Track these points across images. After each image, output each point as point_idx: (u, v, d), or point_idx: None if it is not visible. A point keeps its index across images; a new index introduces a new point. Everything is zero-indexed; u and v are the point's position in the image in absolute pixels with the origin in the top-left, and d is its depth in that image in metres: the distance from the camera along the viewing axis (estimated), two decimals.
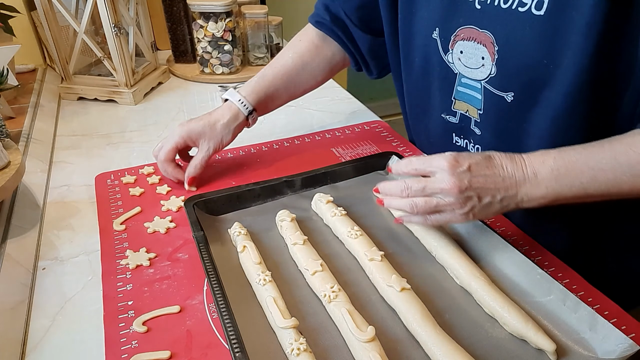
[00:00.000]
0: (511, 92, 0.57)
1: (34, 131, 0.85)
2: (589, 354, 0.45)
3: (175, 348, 0.47)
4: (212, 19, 1.06)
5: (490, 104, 0.60)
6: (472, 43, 0.59)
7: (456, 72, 0.63)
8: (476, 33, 0.58)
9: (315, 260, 0.54)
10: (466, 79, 0.62)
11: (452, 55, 0.62)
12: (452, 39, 0.61)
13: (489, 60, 0.57)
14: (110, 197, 0.70)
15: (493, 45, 0.56)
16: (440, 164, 0.50)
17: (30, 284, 0.56)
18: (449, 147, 0.70)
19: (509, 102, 0.58)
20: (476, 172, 0.49)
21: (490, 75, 0.58)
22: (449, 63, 0.63)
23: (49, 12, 0.94)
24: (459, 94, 0.64)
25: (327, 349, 0.47)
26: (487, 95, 0.60)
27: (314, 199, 0.66)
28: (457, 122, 0.67)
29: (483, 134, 0.64)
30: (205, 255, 0.54)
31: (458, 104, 0.65)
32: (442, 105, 0.68)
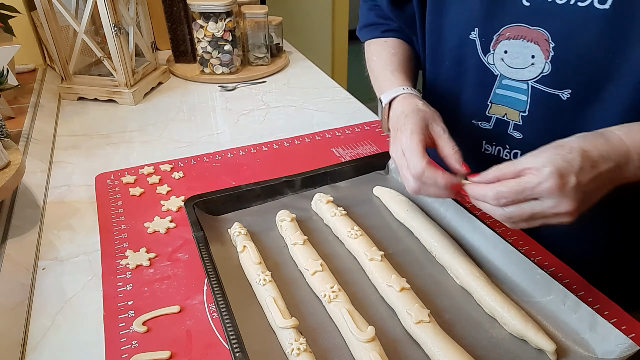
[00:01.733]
0: (568, 90, 0.55)
1: (34, 131, 0.85)
2: (588, 354, 0.45)
3: (175, 348, 0.47)
4: (212, 19, 1.06)
5: (538, 104, 0.58)
6: (520, 42, 0.57)
7: (497, 73, 0.61)
8: (526, 31, 0.56)
9: (315, 260, 0.54)
10: (509, 80, 0.60)
11: (494, 55, 0.60)
12: (495, 39, 0.59)
13: (541, 58, 0.55)
14: (110, 197, 0.70)
15: (548, 42, 0.54)
16: (545, 189, 0.42)
17: (30, 284, 0.56)
18: (477, 156, 0.68)
19: (564, 99, 0.56)
20: (585, 178, 0.43)
21: (542, 74, 0.56)
22: (488, 64, 0.61)
23: (49, 12, 0.94)
24: (497, 97, 0.62)
25: (327, 349, 0.47)
26: (536, 95, 0.58)
27: (314, 199, 0.66)
28: (491, 128, 0.65)
29: (526, 136, 0.62)
30: (205, 255, 0.54)
31: (495, 108, 0.63)
32: (474, 111, 0.65)
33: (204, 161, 0.79)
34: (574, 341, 0.46)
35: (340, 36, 2.30)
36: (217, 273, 0.52)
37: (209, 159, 0.80)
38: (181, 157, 0.80)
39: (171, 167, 0.77)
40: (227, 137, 0.89)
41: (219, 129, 0.93)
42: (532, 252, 0.58)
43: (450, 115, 0.68)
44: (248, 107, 1.01)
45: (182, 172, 0.76)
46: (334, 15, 2.23)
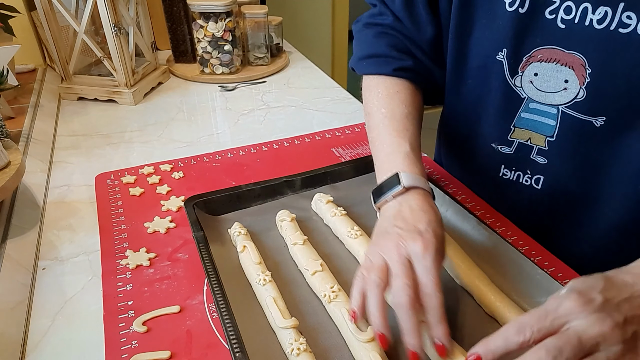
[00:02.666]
0: (602, 117, 0.53)
1: (34, 131, 0.85)
2: None
3: (175, 348, 0.47)
4: (212, 19, 1.06)
5: (568, 130, 0.56)
6: (552, 65, 0.54)
7: (524, 96, 0.58)
8: (560, 54, 0.53)
9: (315, 260, 0.54)
10: (536, 104, 0.57)
11: (522, 78, 0.57)
12: (525, 60, 0.56)
13: (575, 83, 0.53)
14: (110, 197, 0.70)
15: (584, 67, 0.52)
16: (569, 308, 0.36)
17: (30, 284, 0.56)
18: (493, 180, 0.65)
19: (597, 126, 0.53)
20: (614, 299, 0.36)
21: (575, 100, 0.54)
22: (515, 87, 0.58)
23: (49, 12, 0.94)
24: (522, 121, 0.59)
25: (327, 349, 0.47)
26: (566, 121, 0.56)
27: (314, 199, 0.66)
28: (512, 153, 0.62)
29: (551, 162, 0.59)
30: (205, 255, 0.54)
31: (518, 132, 0.60)
32: (495, 135, 0.63)
33: (204, 161, 0.79)
34: None
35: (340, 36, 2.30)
36: (217, 273, 0.52)
37: (209, 159, 0.80)
38: (181, 157, 0.80)
39: (171, 167, 0.77)
40: (227, 137, 0.89)
41: (219, 129, 0.93)
42: (532, 252, 0.58)
43: (467, 138, 0.66)
44: (248, 107, 1.01)
45: (182, 172, 0.76)
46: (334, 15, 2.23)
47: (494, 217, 0.65)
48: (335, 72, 2.36)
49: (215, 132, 0.91)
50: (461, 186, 0.71)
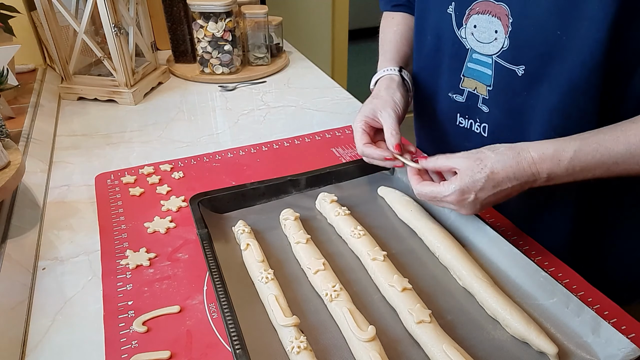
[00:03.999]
0: (522, 66, 0.57)
1: (34, 131, 0.84)
2: (591, 357, 0.45)
3: (175, 348, 0.47)
4: (212, 19, 1.06)
5: (500, 79, 0.60)
6: (486, 16, 0.59)
7: (468, 47, 0.63)
8: (492, 6, 0.58)
9: (318, 259, 0.54)
10: (477, 55, 0.62)
11: (466, 30, 0.62)
12: (467, 13, 0.61)
13: (502, 33, 0.57)
14: (110, 197, 0.70)
15: (508, 17, 0.56)
16: (448, 201, 0.54)
17: (30, 284, 0.56)
18: (452, 129, 0.71)
19: (520, 75, 0.58)
20: (483, 195, 0.52)
21: (502, 49, 0.58)
22: (461, 38, 0.63)
23: (49, 12, 0.94)
24: (469, 70, 0.64)
25: (327, 348, 0.47)
26: (498, 70, 0.60)
27: (318, 198, 0.66)
28: (464, 101, 0.67)
29: (492, 111, 0.64)
30: (208, 252, 0.54)
31: (467, 81, 0.65)
32: (450, 84, 0.68)
33: (204, 161, 0.79)
34: (577, 344, 0.46)
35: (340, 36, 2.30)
36: (220, 270, 0.52)
37: (209, 159, 0.80)
38: (181, 157, 0.80)
39: (171, 167, 0.77)
40: (227, 137, 0.89)
41: (219, 129, 0.93)
42: (532, 252, 0.58)
43: (432, 87, 0.72)
44: (248, 107, 1.01)
45: (182, 172, 0.76)
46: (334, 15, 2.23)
47: (488, 212, 0.65)
48: (335, 72, 2.36)
49: (215, 132, 0.91)
50: None
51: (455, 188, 0.53)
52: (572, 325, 0.47)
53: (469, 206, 0.54)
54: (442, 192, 0.54)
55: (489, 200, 0.53)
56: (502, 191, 0.52)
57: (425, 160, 0.58)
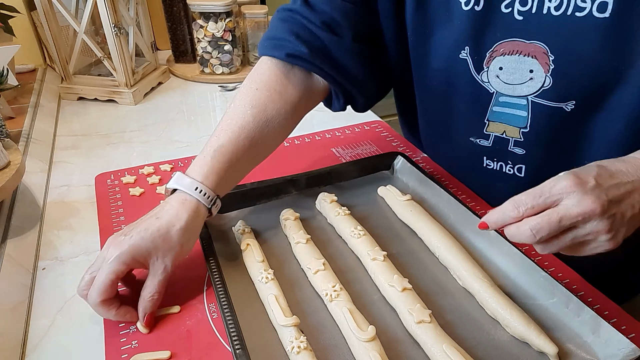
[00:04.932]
0: (572, 101, 0.54)
1: (34, 131, 0.84)
2: (591, 357, 0.45)
3: (175, 348, 0.47)
4: (212, 19, 1.06)
5: (540, 119, 0.57)
6: (515, 57, 0.55)
7: (492, 91, 0.59)
8: (521, 45, 0.54)
9: (318, 259, 0.54)
10: (506, 97, 0.58)
11: (488, 73, 0.58)
12: (488, 56, 0.57)
13: (540, 72, 0.54)
14: (110, 197, 0.70)
15: (547, 55, 0.53)
16: (563, 187, 0.41)
17: (30, 284, 0.56)
18: (479, 171, 0.66)
19: (568, 111, 0.54)
20: (605, 183, 0.41)
21: (542, 88, 0.55)
22: (483, 83, 0.59)
23: (49, 12, 0.94)
24: (495, 114, 0.60)
25: (327, 348, 0.47)
26: (537, 110, 0.56)
27: (318, 198, 0.66)
28: (490, 145, 0.63)
29: (530, 151, 0.60)
30: (208, 253, 0.54)
31: (492, 125, 0.61)
32: (471, 130, 0.63)
33: None
34: (577, 344, 0.46)
35: None
36: (220, 270, 0.52)
37: None
38: (181, 157, 0.80)
39: (171, 167, 0.77)
40: None
41: None
42: (532, 252, 0.58)
43: (446, 133, 0.67)
44: None
45: None
46: None
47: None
48: None
49: None
50: (461, 186, 0.71)
51: (564, 173, 0.42)
52: (572, 325, 0.47)
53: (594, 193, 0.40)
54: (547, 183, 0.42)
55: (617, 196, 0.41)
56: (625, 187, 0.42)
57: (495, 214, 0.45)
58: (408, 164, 0.70)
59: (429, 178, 0.66)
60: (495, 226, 0.45)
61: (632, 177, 0.42)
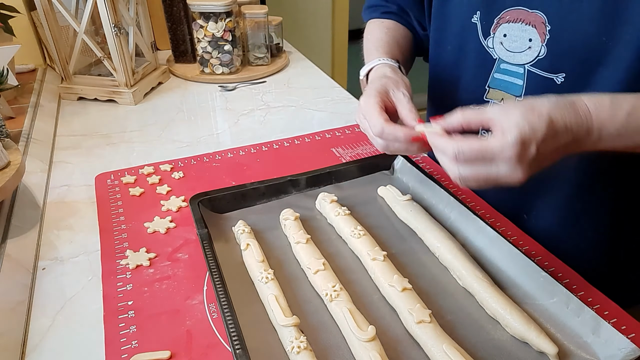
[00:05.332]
0: (562, 73, 0.56)
1: (34, 131, 0.84)
2: (591, 357, 0.45)
3: (175, 348, 0.47)
4: (212, 19, 1.06)
5: (534, 89, 0.59)
6: (519, 25, 0.57)
7: (495, 57, 0.61)
8: (525, 14, 0.56)
9: (318, 259, 0.54)
10: (506, 64, 0.60)
11: (494, 39, 0.60)
12: (495, 22, 0.59)
13: (537, 41, 0.56)
14: (110, 197, 0.70)
15: (544, 25, 0.55)
16: (506, 157, 0.42)
17: (30, 284, 0.56)
18: None
19: (559, 83, 0.56)
20: (543, 150, 0.43)
21: (538, 58, 0.57)
22: (488, 48, 0.61)
23: (49, 12, 0.94)
24: (495, 81, 0.62)
25: (327, 348, 0.47)
26: (532, 79, 0.58)
27: (318, 198, 0.66)
28: None
29: None
30: (208, 253, 0.54)
31: (492, 92, 0.63)
32: (472, 96, 0.66)
33: (204, 161, 0.79)
34: (577, 344, 0.46)
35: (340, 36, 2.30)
36: (220, 270, 0.52)
37: (209, 159, 0.80)
38: (181, 157, 0.80)
39: (171, 167, 0.77)
40: (227, 137, 0.89)
41: (219, 129, 0.93)
42: (532, 252, 0.58)
43: (450, 99, 0.69)
44: (248, 107, 1.01)
45: (182, 172, 0.76)
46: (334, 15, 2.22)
47: (494, 216, 0.65)
48: (335, 72, 2.36)
49: (215, 132, 0.91)
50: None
51: (514, 139, 0.42)
52: (572, 325, 0.47)
53: (528, 165, 0.43)
54: (496, 146, 0.42)
55: (545, 157, 0.44)
56: (558, 147, 0.44)
57: (450, 117, 0.48)
58: (408, 164, 0.70)
59: (429, 178, 0.66)
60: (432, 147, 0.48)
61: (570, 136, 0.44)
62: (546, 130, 0.43)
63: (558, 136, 0.43)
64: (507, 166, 0.43)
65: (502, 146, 0.42)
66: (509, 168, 0.43)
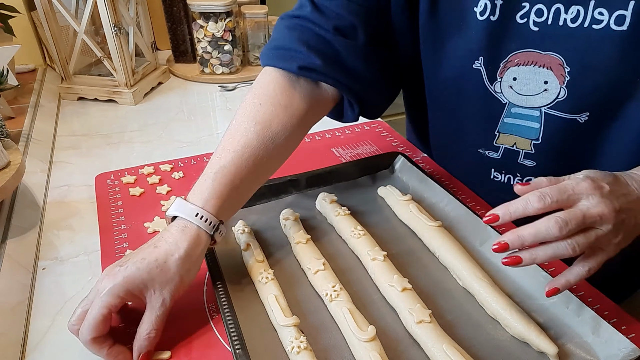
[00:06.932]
0: (586, 113, 0.53)
1: (34, 131, 0.84)
2: (591, 357, 0.45)
3: (175, 348, 0.47)
4: (212, 19, 1.06)
5: (553, 131, 0.57)
6: (530, 67, 0.54)
7: (505, 102, 0.58)
8: (537, 56, 0.53)
9: (318, 259, 0.54)
10: (518, 108, 0.57)
11: (502, 84, 0.57)
12: (502, 66, 0.56)
13: (555, 83, 0.53)
14: (110, 197, 0.70)
15: (562, 67, 0.52)
16: (583, 188, 0.42)
17: (30, 284, 0.56)
18: (486, 183, 0.66)
19: (582, 122, 0.54)
20: (617, 192, 0.43)
21: (557, 100, 0.54)
22: (495, 93, 0.58)
23: (49, 12, 0.94)
24: (506, 126, 0.59)
25: (327, 348, 0.47)
26: (550, 122, 0.56)
27: (318, 198, 0.66)
28: (499, 158, 0.63)
29: (540, 163, 0.60)
30: (208, 253, 0.54)
31: (503, 137, 0.61)
32: (480, 141, 0.63)
33: (204, 161, 0.79)
34: (577, 344, 0.46)
35: None
36: (220, 270, 0.52)
37: (209, 159, 0.79)
38: (181, 157, 0.80)
39: (171, 167, 0.77)
40: None
41: (219, 129, 0.93)
42: None
43: (455, 144, 0.66)
44: None
45: (182, 172, 0.76)
46: None
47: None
48: None
49: (215, 132, 0.91)
50: (461, 186, 0.71)
51: (583, 175, 0.43)
52: (572, 325, 0.47)
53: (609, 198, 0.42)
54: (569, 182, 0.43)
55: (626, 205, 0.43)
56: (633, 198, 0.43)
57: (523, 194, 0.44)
58: (408, 163, 0.70)
59: (429, 178, 0.66)
60: (512, 217, 0.43)
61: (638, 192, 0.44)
62: (613, 177, 0.44)
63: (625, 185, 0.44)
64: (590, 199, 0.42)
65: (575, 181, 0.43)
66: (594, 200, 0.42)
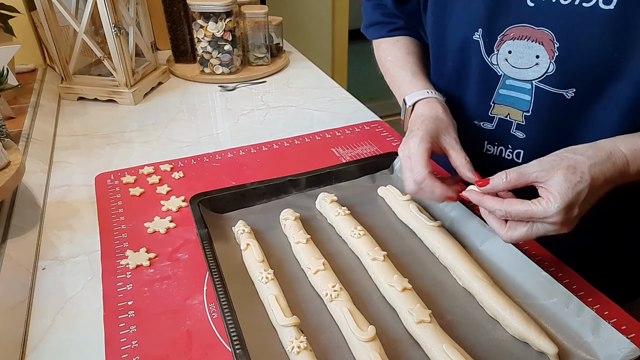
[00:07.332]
0: (572, 89, 0.56)
1: (34, 131, 0.84)
2: (591, 357, 0.45)
3: (176, 348, 0.47)
4: (212, 19, 1.06)
5: (542, 104, 0.59)
6: (524, 42, 0.57)
7: (500, 74, 0.61)
8: (530, 31, 0.56)
9: (318, 259, 0.54)
10: (512, 80, 0.60)
11: (498, 56, 0.60)
12: (499, 39, 0.59)
13: (545, 58, 0.56)
14: (110, 197, 0.70)
15: (552, 42, 0.54)
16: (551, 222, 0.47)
17: (30, 284, 0.56)
18: (478, 156, 0.66)
19: (569, 98, 0.56)
20: (585, 208, 0.47)
21: (546, 74, 0.56)
22: (492, 65, 0.61)
23: (49, 12, 0.94)
24: (501, 97, 0.62)
25: (327, 348, 0.47)
26: (540, 95, 0.58)
27: (318, 198, 0.66)
28: (493, 128, 0.65)
29: (529, 135, 0.62)
30: (208, 253, 0.54)
31: (497, 108, 0.63)
32: (477, 112, 0.66)
33: (204, 161, 0.79)
34: (577, 344, 0.46)
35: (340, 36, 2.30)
36: (220, 270, 0.52)
37: (209, 159, 0.80)
38: (181, 157, 0.80)
39: (171, 167, 0.77)
40: (227, 137, 0.89)
41: (219, 129, 0.93)
42: (532, 252, 0.58)
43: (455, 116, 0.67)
44: (248, 107, 1.01)
45: (182, 172, 0.76)
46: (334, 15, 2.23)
47: None
48: (335, 72, 2.36)
49: (215, 132, 0.91)
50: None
51: (559, 207, 0.45)
52: (572, 325, 0.47)
53: (571, 223, 0.47)
54: (542, 212, 0.46)
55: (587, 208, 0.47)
56: (597, 198, 0.48)
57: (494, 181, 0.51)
58: None
59: None
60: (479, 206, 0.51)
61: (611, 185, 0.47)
62: (588, 190, 0.46)
63: (599, 191, 0.47)
64: (552, 227, 0.47)
65: (545, 212, 0.46)
66: (554, 229, 0.47)
